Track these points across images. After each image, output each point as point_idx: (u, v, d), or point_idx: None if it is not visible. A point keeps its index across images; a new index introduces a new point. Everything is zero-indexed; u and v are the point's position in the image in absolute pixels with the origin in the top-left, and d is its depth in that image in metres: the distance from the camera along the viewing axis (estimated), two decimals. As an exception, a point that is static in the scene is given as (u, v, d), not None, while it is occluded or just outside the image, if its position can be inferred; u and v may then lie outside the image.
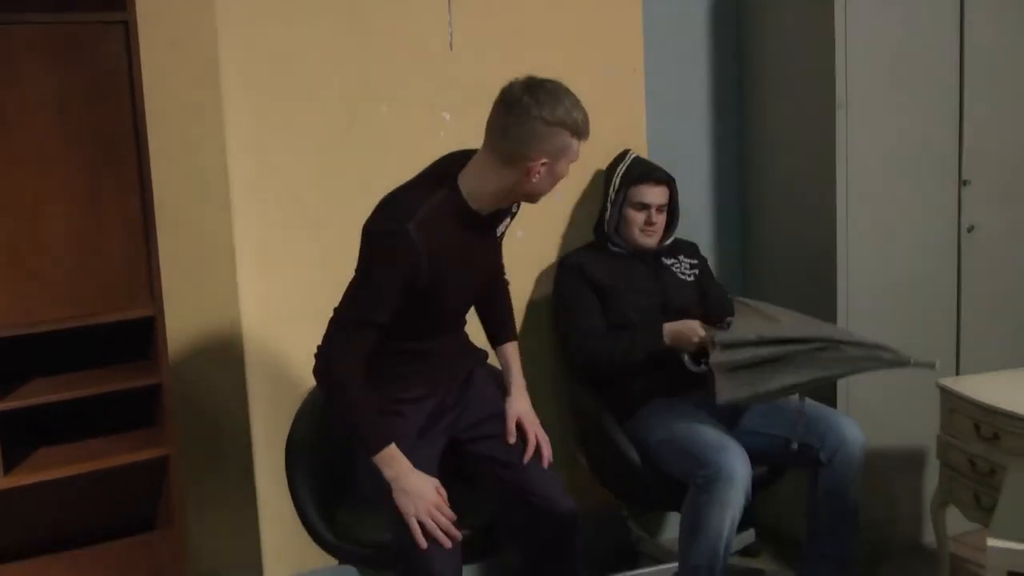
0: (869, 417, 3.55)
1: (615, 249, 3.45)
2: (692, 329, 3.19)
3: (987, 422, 3.11)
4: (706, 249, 3.75)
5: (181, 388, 3.10)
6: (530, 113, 2.42)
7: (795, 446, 3.13)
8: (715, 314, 3.33)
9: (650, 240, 3.44)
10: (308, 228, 3.29)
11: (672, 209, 3.49)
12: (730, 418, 3.28)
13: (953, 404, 3.25)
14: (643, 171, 3.44)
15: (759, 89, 3.79)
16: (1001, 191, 3.74)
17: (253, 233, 3.22)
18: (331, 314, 2.57)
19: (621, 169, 3.44)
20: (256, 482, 3.31)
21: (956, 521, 3.43)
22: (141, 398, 2.85)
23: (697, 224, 3.85)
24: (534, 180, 2.49)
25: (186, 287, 3.14)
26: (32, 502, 2.87)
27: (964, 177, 3.67)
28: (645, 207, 3.40)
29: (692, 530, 3.05)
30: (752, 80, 3.81)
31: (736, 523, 3.03)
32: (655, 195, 3.41)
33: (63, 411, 2.76)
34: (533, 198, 2.58)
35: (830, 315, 3.53)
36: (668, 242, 3.51)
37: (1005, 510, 2.45)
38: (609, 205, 3.43)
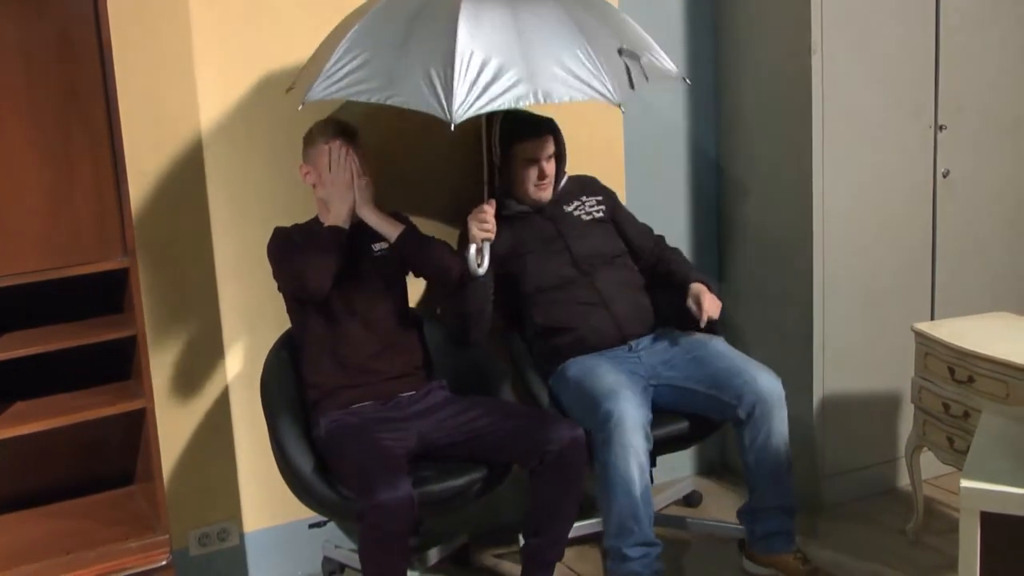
0: (844, 362, 3.58)
1: (513, 210, 3.27)
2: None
3: (962, 366, 3.14)
4: (680, 189, 3.68)
5: (156, 340, 3.10)
6: None
7: None
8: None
9: (546, 193, 3.31)
10: (282, 178, 3.26)
11: (559, 153, 3.34)
12: (649, 372, 3.23)
13: (928, 348, 3.27)
14: (523, 125, 3.24)
15: (733, 35, 3.77)
16: (976, 136, 3.75)
17: (225, 182, 3.20)
18: None
19: (496, 129, 3.20)
20: (234, 433, 3.31)
21: (930, 465, 3.47)
22: (116, 351, 2.83)
23: (670, 169, 3.84)
24: (311, 185, 3.05)
25: (159, 239, 3.12)
26: (9, 457, 2.86)
27: (940, 122, 3.67)
28: (534, 162, 3.26)
29: (604, 482, 3.01)
30: (726, 25, 3.79)
31: (645, 468, 3.00)
32: (543, 148, 3.26)
33: (38, 365, 2.74)
34: (328, 205, 3.03)
35: (806, 261, 3.55)
36: (562, 183, 3.38)
37: (978, 451, 2.47)
38: (496, 169, 3.22)
